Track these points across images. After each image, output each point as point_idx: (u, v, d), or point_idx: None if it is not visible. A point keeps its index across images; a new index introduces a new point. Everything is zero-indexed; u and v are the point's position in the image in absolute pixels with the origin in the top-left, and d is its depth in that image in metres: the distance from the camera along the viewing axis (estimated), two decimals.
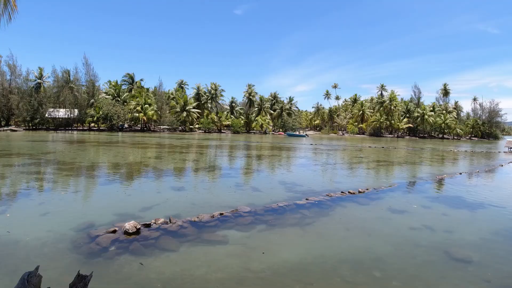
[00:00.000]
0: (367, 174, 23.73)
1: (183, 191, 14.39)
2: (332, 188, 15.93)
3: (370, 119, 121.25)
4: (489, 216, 12.93)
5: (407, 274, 7.24)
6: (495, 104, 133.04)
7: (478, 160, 40.00)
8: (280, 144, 55.70)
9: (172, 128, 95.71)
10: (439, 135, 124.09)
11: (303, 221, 10.51)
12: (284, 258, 7.66)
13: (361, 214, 12.04)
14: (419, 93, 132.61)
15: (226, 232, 9.12)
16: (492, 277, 7.27)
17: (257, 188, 15.88)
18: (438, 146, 69.93)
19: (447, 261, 8.14)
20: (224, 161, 28.36)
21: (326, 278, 6.83)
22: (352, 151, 45.74)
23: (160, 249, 7.84)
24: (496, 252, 9.03)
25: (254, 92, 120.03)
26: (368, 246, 8.78)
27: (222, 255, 7.66)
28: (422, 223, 11.13)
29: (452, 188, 19.08)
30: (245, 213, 10.65)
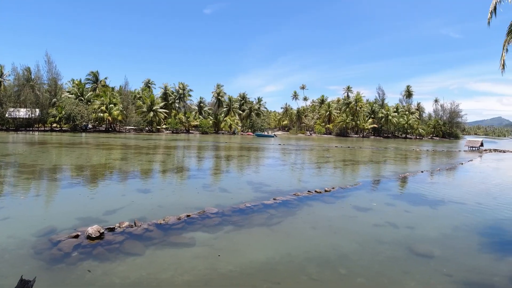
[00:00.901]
0: (333, 173, 24.20)
1: (149, 194, 14.12)
2: (299, 188, 16.13)
3: (336, 120, 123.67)
4: (450, 212, 13.50)
5: (371, 271, 7.43)
6: (456, 105, 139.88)
7: (440, 159, 41.70)
8: (248, 144, 55.82)
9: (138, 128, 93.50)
10: (402, 135, 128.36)
11: (271, 221, 10.58)
12: (251, 258, 7.68)
13: (327, 212, 12.28)
14: (383, 94, 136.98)
15: (193, 234, 9.03)
16: (453, 271, 7.58)
17: (225, 189, 15.83)
18: (401, 145, 72.30)
19: (410, 256, 8.43)
20: (192, 162, 28.08)
21: (293, 277, 6.91)
22: (319, 151, 46.48)
23: (124, 253, 7.65)
24: (457, 247, 9.44)
25: (223, 92, 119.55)
26: (334, 244, 8.95)
27: (189, 257, 7.58)
28: (385, 220, 11.47)
29: (414, 185, 19.78)
30: (212, 214, 10.58)
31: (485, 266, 7.99)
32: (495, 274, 7.49)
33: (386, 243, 9.21)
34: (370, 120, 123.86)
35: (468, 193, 18.06)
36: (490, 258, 8.58)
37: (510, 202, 15.84)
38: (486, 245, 9.62)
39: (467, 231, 10.89)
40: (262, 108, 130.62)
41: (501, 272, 7.65)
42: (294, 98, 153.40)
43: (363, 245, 9.03)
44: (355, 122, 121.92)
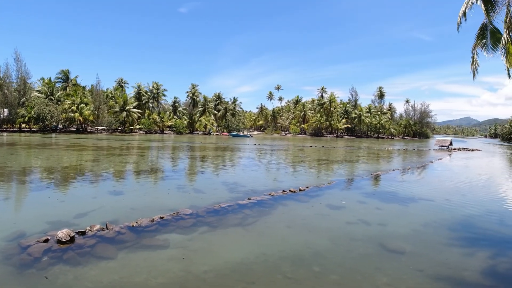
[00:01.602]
0: (308, 173, 24.45)
1: (122, 196, 13.83)
2: (274, 187, 16.21)
3: (311, 120, 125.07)
4: (420, 209, 13.90)
5: (345, 267, 7.55)
6: (426, 106, 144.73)
7: (410, 157, 42.87)
8: (223, 144, 55.64)
9: (110, 129, 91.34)
10: (374, 134, 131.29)
11: (245, 221, 10.58)
12: (226, 258, 7.65)
13: (302, 211, 12.39)
14: (356, 95, 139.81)
15: (167, 236, 8.91)
16: (424, 266, 7.80)
17: (199, 189, 15.71)
18: (373, 145, 73.86)
19: (382, 252, 8.62)
20: (166, 163, 27.71)
21: (268, 276, 6.93)
22: (294, 151, 46.87)
23: (96, 257, 7.46)
24: (427, 242, 9.72)
25: (197, 92, 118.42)
26: (308, 242, 9.04)
27: (163, 260, 7.47)
28: (358, 218, 11.69)
29: (386, 183, 20.26)
30: (186, 215, 10.47)
31: (455, 261, 8.25)
32: (464, 269, 7.74)
33: (358, 240, 9.39)
34: (344, 120, 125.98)
35: (437, 190, 18.62)
36: (460, 253, 8.88)
37: (478, 199, 16.46)
38: (455, 240, 9.95)
39: (437, 227, 11.23)
40: (238, 108, 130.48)
41: (471, 266, 7.92)
42: (269, 98, 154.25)
43: (337, 243, 9.18)
44: (329, 122, 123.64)
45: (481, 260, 8.39)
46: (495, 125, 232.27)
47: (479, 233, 10.80)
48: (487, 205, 14.74)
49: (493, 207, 14.60)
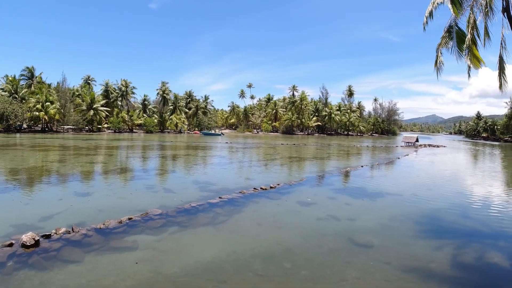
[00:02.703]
0: (279, 170, 24.63)
1: (89, 197, 13.43)
2: (245, 185, 16.22)
3: (282, 118, 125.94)
4: (387, 204, 14.32)
5: (315, 263, 7.66)
6: (394, 104, 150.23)
7: (379, 154, 44.00)
8: (195, 143, 55.09)
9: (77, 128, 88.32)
10: (344, 132, 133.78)
11: (216, 220, 10.53)
12: (197, 258, 7.58)
13: (273, 208, 12.46)
14: (327, 93, 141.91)
15: (136, 237, 8.72)
16: (392, 259, 8.03)
17: (169, 189, 15.51)
18: (343, 142, 75.31)
19: (351, 247, 8.81)
20: (135, 163, 27.13)
21: (239, 274, 6.93)
22: (266, 148, 47.09)
23: (62, 261, 7.23)
24: (395, 236, 10.02)
25: (168, 89, 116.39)
26: (279, 239, 9.10)
27: (131, 262, 7.30)
28: (328, 214, 11.89)
29: (355, 179, 20.72)
30: (155, 216, 10.30)
31: (421, 253, 8.53)
32: (431, 261, 8.02)
33: (328, 236, 9.54)
34: (315, 118, 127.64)
35: (404, 185, 19.21)
36: (426, 245, 9.20)
37: (442, 192, 17.11)
38: (421, 233, 10.31)
39: (404, 221, 11.60)
40: (209, 106, 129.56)
41: (437, 258, 8.21)
42: (241, 96, 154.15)
43: (307, 239, 9.29)
44: (300, 120, 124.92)
45: (447, 252, 8.72)
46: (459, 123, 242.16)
47: (444, 226, 11.23)
48: (451, 199, 15.34)
49: (457, 200, 15.20)
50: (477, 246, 9.23)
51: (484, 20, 11.55)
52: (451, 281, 7.06)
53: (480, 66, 11.85)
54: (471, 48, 11.52)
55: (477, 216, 12.43)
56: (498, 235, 10.29)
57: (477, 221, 11.78)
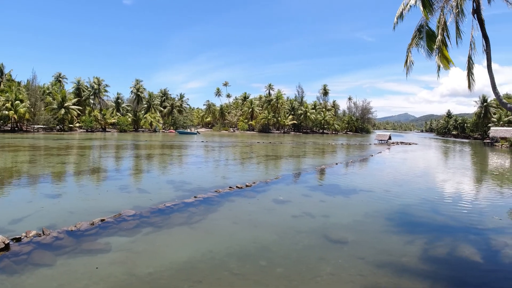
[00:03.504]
0: (256, 168, 24.67)
1: (60, 199, 13.06)
2: (221, 184, 16.17)
3: (259, 116, 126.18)
4: (360, 200, 14.59)
5: (290, 260, 7.73)
6: (367, 103, 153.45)
7: (353, 151, 44.78)
8: (170, 142, 54.42)
9: (48, 127, 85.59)
10: (320, 130, 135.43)
11: (191, 219, 10.46)
12: (171, 259, 7.51)
13: (248, 207, 12.50)
14: (302, 92, 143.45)
15: (108, 239, 8.56)
16: (365, 254, 8.20)
17: (143, 189, 15.28)
18: (318, 140, 76.21)
19: (326, 243, 8.94)
20: (108, 163, 26.51)
21: (215, 273, 6.91)
22: (242, 147, 47.08)
23: (33, 265, 7.04)
24: (368, 231, 10.25)
25: (142, 87, 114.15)
26: (255, 237, 9.15)
27: (104, 264, 7.17)
28: (303, 211, 12.03)
29: (330, 177, 21.03)
30: (129, 217, 10.13)
31: (394, 248, 8.77)
32: (403, 255, 8.25)
33: (303, 233, 9.65)
34: (290, 117, 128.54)
35: (377, 182, 19.64)
36: (398, 240, 9.45)
37: (414, 188, 17.60)
38: (394, 228, 10.58)
39: (376, 216, 11.87)
40: (185, 105, 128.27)
41: (409, 252, 8.45)
42: (217, 95, 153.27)
43: (282, 236, 9.36)
44: (277, 119, 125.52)
45: (418, 246, 8.99)
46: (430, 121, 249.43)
47: (416, 221, 11.56)
48: (422, 195, 15.80)
49: (427, 196, 15.67)
50: (448, 240, 9.55)
51: (455, 21, 11.93)
52: (423, 275, 7.27)
53: (449, 66, 12.24)
54: (441, 48, 11.88)
55: (447, 211, 12.85)
56: (468, 229, 10.65)
57: (447, 216, 12.17)
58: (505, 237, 9.83)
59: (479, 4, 11.45)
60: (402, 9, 12.04)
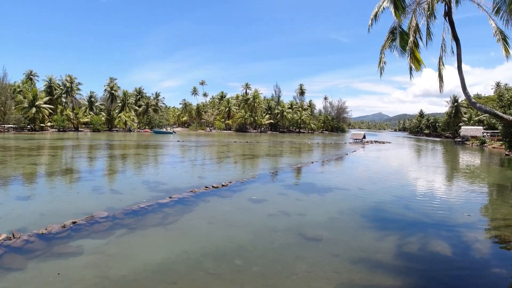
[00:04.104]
0: (232, 168, 24.66)
1: (30, 201, 12.67)
2: (197, 184, 16.04)
3: (236, 116, 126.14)
4: (336, 198, 14.84)
5: (266, 259, 7.77)
6: (343, 103, 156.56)
7: (328, 150, 45.44)
8: (145, 142, 53.57)
9: (18, 127, 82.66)
10: (296, 129, 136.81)
11: (166, 220, 10.34)
12: (146, 260, 7.40)
13: (224, 206, 12.48)
14: (280, 92, 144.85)
15: (81, 241, 8.35)
16: (340, 251, 8.35)
17: (117, 190, 15.02)
18: (295, 139, 76.82)
19: (301, 241, 9.04)
20: (80, 164, 25.80)
21: (190, 274, 6.87)
22: (219, 146, 46.90)
23: (4, 269, 6.84)
24: (343, 228, 10.45)
25: (116, 86, 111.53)
26: (231, 237, 9.14)
27: (77, 267, 7.00)
28: (279, 210, 12.11)
29: (306, 175, 21.26)
30: (102, 218, 9.91)
31: (368, 244, 8.96)
32: (376, 251, 8.44)
33: (279, 231, 9.72)
34: (267, 116, 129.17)
35: (352, 180, 20.00)
36: (372, 237, 9.66)
37: (387, 186, 18.02)
38: (368, 225, 10.82)
39: (351, 214, 12.10)
40: (160, 103, 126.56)
41: (382, 249, 8.65)
42: (193, 93, 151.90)
43: (258, 235, 9.41)
44: (254, 118, 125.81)
45: (391, 242, 9.22)
46: (404, 120, 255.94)
47: (389, 218, 11.87)
48: (395, 192, 16.21)
49: (400, 193, 16.09)
50: (420, 236, 9.83)
51: (426, 23, 12.27)
52: (396, 270, 7.46)
53: (420, 68, 12.57)
54: (413, 50, 12.20)
55: (420, 208, 13.23)
56: (440, 225, 10.99)
57: (420, 212, 12.53)
58: (476, 233, 10.19)
59: (451, 7, 11.81)
60: (376, 11, 12.26)
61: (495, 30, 11.70)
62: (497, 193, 17.85)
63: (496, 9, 10.86)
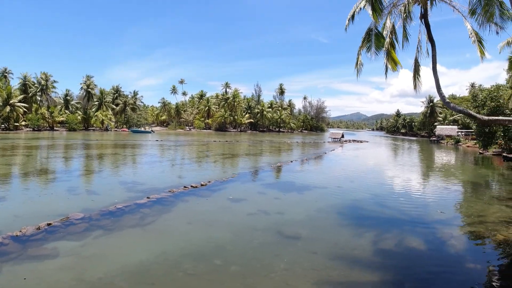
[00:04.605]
0: (212, 167, 24.58)
1: (4, 202, 12.26)
2: (175, 184, 15.90)
3: (215, 115, 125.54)
4: (314, 196, 15.04)
5: (245, 258, 7.83)
6: (322, 102, 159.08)
7: (308, 149, 45.87)
8: (123, 141, 52.59)
9: None
10: (276, 129, 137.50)
11: (144, 221, 10.23)
12: (123, 262, 7.32)
13: (203, 206, 12.46)
14: (260, 91, 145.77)
15: (56, 244, 8.18)
16: (318, 248, 8.48)
17: (93, 191, 14.76)
18: (275, 138, 77.14)
19: (280, 239, 9.12)
20: (56, 164, 25.10)
21: (169, 275, 6.84)
22: (199, 146, 46.62)
23: None
24: (321, 226, 10.60)
25: (93, 84, 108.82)
26: (209, 237, 9.13)
27: (52, 270, 6.87)
28: (258, 209, 12.18)
29: (285, 174, 21.41)
30: (77, 220, 9.72)
31: (346, 241, 9.13)
32: (354, 248, 8.61)
33: (258, 230, 9.79)
34: (247, 115, 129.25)
35: (330, 178, 20.28)
36: (350, 233, 9.86)
37: (364, 184, 18.37)
38: (345, 222, 11.02)
39: (329, 212, 12.30)
40: (139, 102, 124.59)
41: (360, 245, 8.84)
42: (173, 92, 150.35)
43: (238, 234, 9.45)
44: (233, 117, 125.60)
45: (368, 239, 9.42)
46: (381, 120, 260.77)
47: (366, 215, 12.13)
48: (372, 190, 16.55)
49: (377, 191, 16.44)
50: (396, 232, 10.09)
51: (403, 25, 12.56)
52: (373, 266, 7.64)
53: (396, 68, 12.86)
54: (390, 51, 12.47)
55: (396, 205, 13.56)
56: (415, 221, 11.30)
57: (396, 209, 12.85)
58: (451, 229, 10.52)
59: (427, 9, 12.13)
60: (353, 12, 12.45)
61: (470, 32, 12.08)
62: (471, 190, 18.46)
63: (472, 11, 11.20)
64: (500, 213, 12.51)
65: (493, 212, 12.71)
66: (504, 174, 24.80)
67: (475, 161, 35.06)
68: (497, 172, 26.37)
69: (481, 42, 12.14)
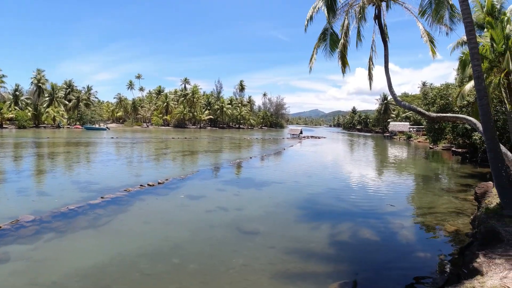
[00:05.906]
0: (170, 165, 24.25)
1: None
2: (131, 183, 15.54)
3: (174, 111, 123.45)
4: (272, 192, 15.29)
5: (203, 255, 7.86)
6: (281, 99, 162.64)
7: (267, 145, 46.31)
8: (76, 139, 50.43)
9: None
10: (236, 125, 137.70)
11: (98, 222, 9.97)
12: (77, 265, 7.10)
13: (160, 205, 12.36)
14: (221, 87, 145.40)
15: (6, 248, 7.82)
16: (276, 243, 8.69)
17: (44, 192, 14.17)
18: (235, 135, 77.26)
19: (239, 235, 9.27)
20: (4, 164, 23.63)
21: (125, 276, 6.74)
22: (157, 143, 45.77)
23: None
24: (279, 221, 10.84)
25: (44, 78, 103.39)
26: (167, 236, 9.08)
27: (3, 275, 6.58)
28: (216, 205, 12.24)
29: (245, 170, 21.59)
30: (28, 222, 9.31)
31: (302, 235, 9.43)
32: (311, 241, 8.92)
33: (217, 227, 9.86)
34: (207, 112, 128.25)
35: (288, 174, 20.68)
36: (306, 227, 10.19)
37: (321, 179, 18.95)
38: (302, 217, 11.36)
39: (287, 206, 12.61)
40: (93, 98, 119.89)
41: (316, 238, 9.16)
42: (129, 88, 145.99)
43: (196, 232, 9.46)
44: (193, 114, 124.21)
45: (324, 232, 9.79)
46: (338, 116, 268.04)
47: (322, 209, 12.57)
48: (328, 184, 17.12)
49: (333, 185, 17.03)
50: (351, 224, 10.54)
51: (357, 25, 13.04)
52: (328, 258, 7.96)
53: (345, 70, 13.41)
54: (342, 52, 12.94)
55: (350, 199, 14.14)
56: (368, 214, 11.83)
57: (350, 202, 13.39)
58: (402, 220, 11.10)
59: (381, 11, 12.67)
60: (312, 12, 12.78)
61: (422, 32, 12.77)
62: (422, 183, 19.53)
63: (422, 12, 11.85)
64: (449, 204, 13.33)
65: (442, 203, 13.53)
66: (453, 168, 26.42)
67: (426, 155, 37.06)
68: (447, 166, 28.07)
69: (433, 42, 12.90)
